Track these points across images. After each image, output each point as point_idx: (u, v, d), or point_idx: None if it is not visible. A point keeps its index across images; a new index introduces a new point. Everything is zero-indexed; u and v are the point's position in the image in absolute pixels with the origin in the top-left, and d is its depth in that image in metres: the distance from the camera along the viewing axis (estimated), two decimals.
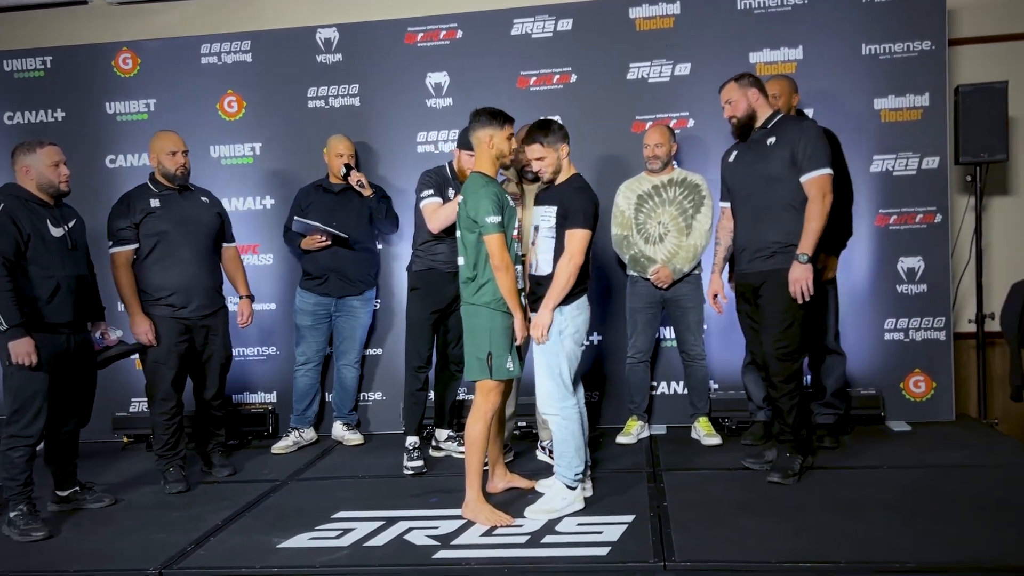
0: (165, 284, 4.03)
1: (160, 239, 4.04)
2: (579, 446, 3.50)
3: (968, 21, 4.91)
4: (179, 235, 4.06)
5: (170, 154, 4.08)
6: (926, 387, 4.71)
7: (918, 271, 4.70)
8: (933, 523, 3.15)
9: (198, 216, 4.16)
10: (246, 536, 3.43)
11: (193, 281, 4.07)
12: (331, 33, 5.07)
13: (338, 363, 4.90)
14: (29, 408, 3.53)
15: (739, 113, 3.74)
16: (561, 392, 3.49)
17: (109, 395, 4.90)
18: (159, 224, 4.04)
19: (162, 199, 4.09)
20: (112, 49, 5.21)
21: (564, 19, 4.90)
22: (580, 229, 3.44)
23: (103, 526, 3.65)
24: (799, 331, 3.68)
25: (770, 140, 3.68)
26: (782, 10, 4.74)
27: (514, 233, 3.47)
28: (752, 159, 3.74)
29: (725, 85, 3.80)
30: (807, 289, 3.56)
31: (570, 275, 3.43)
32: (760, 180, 3.69)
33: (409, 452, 4.19)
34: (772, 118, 3.74)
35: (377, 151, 5.06)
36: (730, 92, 3.76)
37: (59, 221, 3.68)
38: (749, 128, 3.76)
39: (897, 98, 4.68)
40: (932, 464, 3.92)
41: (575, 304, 3.49)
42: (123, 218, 4.03)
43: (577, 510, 3.48)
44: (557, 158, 3.55)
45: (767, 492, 3.61)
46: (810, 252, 3.55)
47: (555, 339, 3.48)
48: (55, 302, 3.58)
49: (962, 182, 4.80)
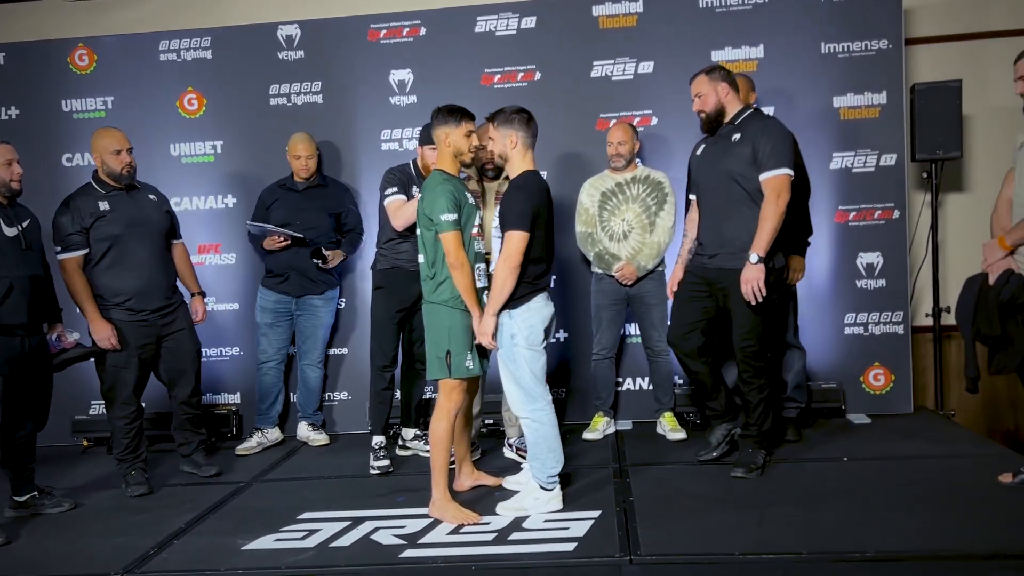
0: (123, 288, 3.94)
1: (113, 243, 3.93)
2: (552, 448, 3.46)
3: (924, 21, 5.00)
4: (132, 238, 3.96)
5: (114, 153, 3.95)
6: (885, 380, 4.80)
7: (877, 266, 4.79)
8: (892, 513, 3.21)
9: (149, 216, 4.06)
10: (210, 538, 3.39)
11: (151, 282, 3.99)
12: (293, 30, 5.03)
13: (301, 363, 4.85)
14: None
15: (708, 107, 3.73)
16: (527, 396, 3.45)
17: (68, 398, 4.82)
18: (111, 228, 3.93)
19: (111, 201, 3.96)
20: (68, 45, 5.11)
21: (528, 17, 4.91)
22: (515, 231, 3.36)
23: (63, 531, 3.58)
24: (764, 330, 3.71)
25: (735, 136, 3.69)
26: (743, 9, 4.79)
27: (474, 231, 3.46)
28: (717, 154, 3.75)
29: (696, 77, 3.77)
30: (758, 289, 3.55)
31: (505, 278, 3.34)
32: (723, 176, 3.70)
33: (375, 452, 4.17)
34: (740, 114, 3.73)
35: (341, 149, 5.03)
36: (700, 85, 3.74)
37: (12, 221, 3.59)
38: (718, 123, 3.75)
39: (856, 96, 4.76)
40: (891, 455, 4.00)
41: (524, 307, 3.40)
42: (71, 223, 3.89)
43: (554, 509, 3.46)
44: (504, 146, 3.47)
45: (731, 486, 3.65)
46: (762, 253, 3.55)
47: (508, 345, 3.43)
48: (9, 303, 3.50)
49: (919, 179, 4.90)
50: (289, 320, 4.78)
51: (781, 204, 3.56)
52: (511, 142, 3.47)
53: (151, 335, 4.02)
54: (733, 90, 3.74)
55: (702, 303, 3.80)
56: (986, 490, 3.40)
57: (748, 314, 3.65)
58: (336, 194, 4.78)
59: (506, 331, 3.43)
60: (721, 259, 3.71)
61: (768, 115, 3.96)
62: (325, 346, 4.91)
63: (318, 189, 4.70)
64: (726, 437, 3.96)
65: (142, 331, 3.99)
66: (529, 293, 3.43)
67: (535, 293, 3.45)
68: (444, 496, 3.46)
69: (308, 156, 4.63)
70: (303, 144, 4.64)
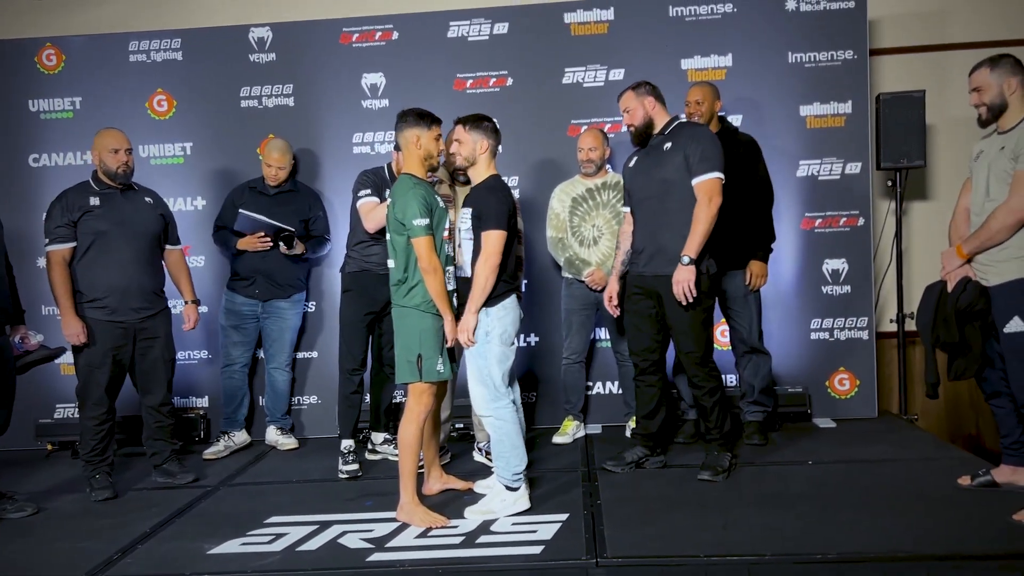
0: (100, 285, 3.91)
1: (97, 238, 3.91)
2: (516, 445, 3.50)
3: (889, 32, 5.10)
4: (117, 235, 3.94)
5: (112, 152, 3.95)
6: (850, 385, 4.87)
7: (842, 272, 4.87)
8: (855, 515, 3.26)
9: (139, 217, 4.04)
10: (175, 543, 3.36)
11: (130, 283, 3.95)
12: (264, 32, 5.01)
13: (268, 367, 4.82)
14: None
15: (636, 121, 3.82)
16: (492, 393, 3.50)
17: (33, 401, 4.76)
18: (97, 223, 3.92)
19: (102, 198, 3.96)
20: (35, 45, 5.05)
21: (500, 23, 4.93)
22: (494, 230, 3.43)
23: (25, 536, 3.53)
24: (705, 334, 3.78)
25: (666, 145, 3.77)
26: (712, 18, 4.85)
27: (444, 235, 3.47)
28: (649, 164, 3.82)
29: (623, 94, 3.87)
30: (689, 291, 3.61)
31: (487, 276, 3.41)
32: (657, 184, 3.77)
33: (344, 456, 4.17)
34: (669, 124, 3.82)
35: (313, 152, 5.02)
36: (628, 101, 3.84)
37: None
38: (647, 135, 3.84)
39: (822, 105, 4.83)
40: (855, 459, 4.06)
41: (501, 305, 3.48)
42: (60, 216, 3.90)
43: (522, 510, 3.48)
44: (473, 150, 3.52)
45: (697, 489, 3.69)
46: (694, 254, 3.62)
47: (482, 341, 3.48)
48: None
49: (883, 187, 4.98)
50: (254, 323, 4.75)
51: (713, 207, 3.63)
52: (481, 147, 3.52)
53: (126, 337, 3.98)
54: (660, 103, 3.84)
55: (657, 316, 3.85)
56: (946, 492, 3.47)
57: (685, 318, 3.71)
58: (306, 200, 4.77)
59: (482, 327, 3.47)
60: (656, 265, 3.76)
61: (696, 123, 4.02)
62: (292, 349, 4.88)
63: (289, 194, 4.68)
64: (637, 462, 4.00)
65: (117, 332, 3.95)
66: (505, 292, 3.50)
67: (510, 292, 3.53)
68: (412, 500, 3.46)
69: (280, 167, 4.60)
70: (278, 153, 4.61)
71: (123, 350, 3.99)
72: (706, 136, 3.76)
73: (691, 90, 4.32)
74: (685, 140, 3.72)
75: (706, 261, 3.71)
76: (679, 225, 3.69)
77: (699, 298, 3.67)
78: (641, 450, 4.01)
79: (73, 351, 3.97)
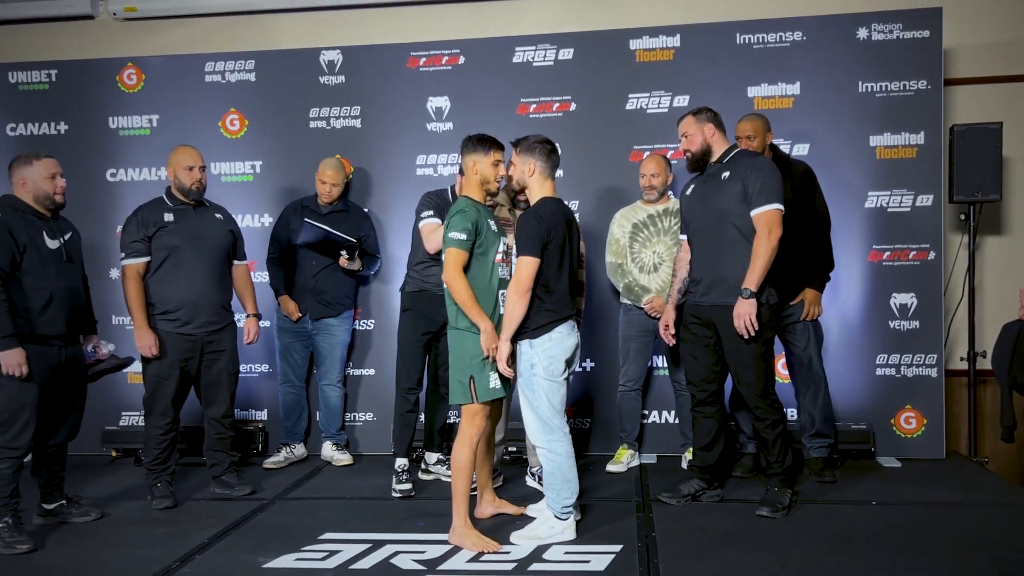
0: (171, 298, 4.03)
1: (170, 253, 4.04)
2: (568, 479, 3.46)
3: (964, 62, 4.98)
4: (189, 250, 4.06)
5: (187, 169, 4.07)
6: (917, 424, 4.72)
7: (911, 307, 4.73)
8: (918, 560, 3.15)
9: (210, 232, 4.15)
10: (231, 555, 3.41)
11: (199, 297, 4.07)
12: (335, 55, 5.12)
13: (321, 383, 4.90)
14: (17, 420, 3.52)
15: (694, 147, 3.79)
16: (544, 426, 3.46)
17: (100, 409, 4.90)
18: (171, 239, 4.04)
19: (176, 214, 4.09)
20: (117, 64, 5.26)
21: (565, 48, 4.96)
22: (525, 256, 3.40)
23: (87, 540, 3.63)
24: (765, 365, 3.71)
25: (724, 174, 3.73)
26: (780, 46, 4.80)
27: (497, 258, 3.49)
28: (707, 193, 3.78)
29: (683, 119, 3.84)
30: (751, 324, 3.56)
31: (515, 303, 3.37)
32: (714, 213, 3.72)
33: (398, 474, 4.19)
34: (728, 153, 3.78)
35: (376, 173, 5.10)
36: (687, 126, 3.80)
37: (55, 233, 3.69)
38: (704, 162, 3.80)
39: (893, 136, 4.73)
40: (920, 501, 3.92)
41: (546, 336, 3.42)
42: (136, 231, 4.03)
43: (567, 540, 3.45)
44: (523, 172, 3.53)
45: (755, 524, 3.61)
46: (754, 287, 3.56)
47: (527, 374, 3.44)
48: (48, 314, 3.58)
49: (956, 220, 4.84)
50: (306, 340, 4.84)
51: (773, 239, 3.58)
52: (529, 169, 3.53)
53: (194, 349, 4.09)
54: (719, 131, 3.80)
55: (715, 346, 3.79)
56: (1017, 541, 3.32)
57: (746, 351, 3.65)
58: (356, 219, 4.84)
59: (525, 360, 3.44)
60: (715, 295, 3.71)
61: (755, 152, 3.96)
62: (343, 365, 4.95)
63: (340, 214, 4.76)
64: (694, 494, 3.92)
65: (186, 344, 4.06)
66: (551, 323, 3.44)
67: (558, 323, 3.46)
68: (465, 523, 3.45)
69: (334, 184, 4.69)
70: (332, 171, 4.70)
71: (190, 362, 4.10)
72: (766, 166, 3.70)
73: (741, 124, 4.24)
74: (744, 170, 3.67)
75: (766, 292, 3.66)
76: (737, 255, 3.65)
77: (760, 330, 3.61)
78: (698, 483, 3.94)
79: (142, 361, 4.09)
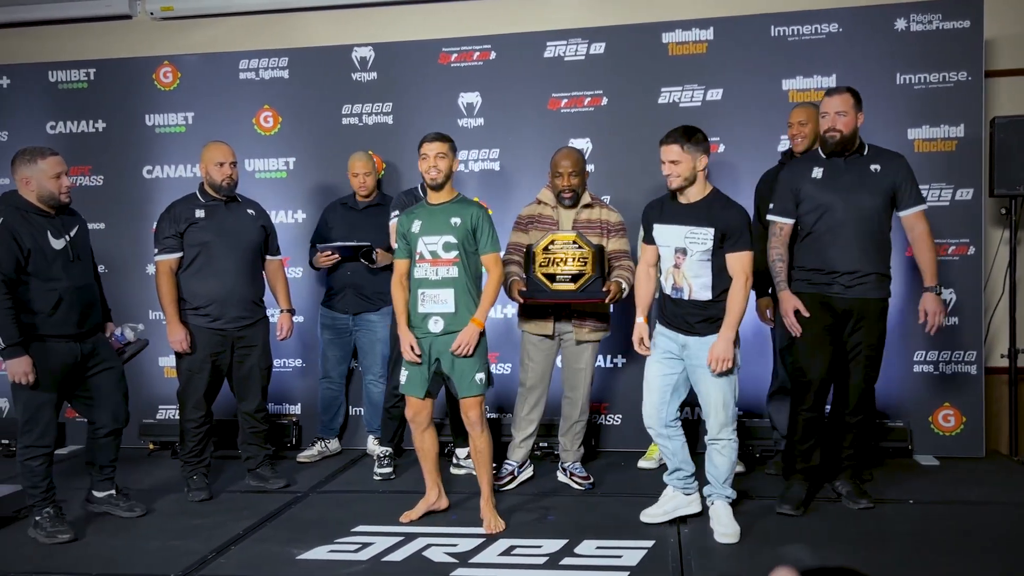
0: (203, 294, 4.07)
1: (202, 249, 4.07)
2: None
3: (1006, 53, 4.86)
4: (221, 246, 4.09)
5: (218, 165, 4.10)
6: (955, 421, 4.63)
7: (950, 303, 4.64)
8: (956, 559, 3.10)
9: (241, 228, 4.18)
10: (266, 546, 3.45)
11: (230, 292, 4.10)
12: (367, 52, 5.15)
13: (364, 378, 4.93)
14: (39, 421, 3.55)
15: (847, 130, 3.64)
16: (731, 421, 3.47)
17: (137, 402, 4.95)
18: (202, 234, 4.07)
19: (207, 210, 4.12)
20: (154, 63, 5.33)
21: (597, 43, 4.93)
22: (748, 251, 3.38)
23: (126, 530, 3.69)
24: None
25: (874, 167, 3.66)
26: (816, 38, 4.73)
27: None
28: (850, 182, 3.65)
29: (840, 93, 3.67)
30: (943, 318, 3.70)
31: (745, 299, 3.37)
32: (859, 206, 3.63)
33: (379, 459, 4.43)
34: (863, 144, 3.73)
35: (408, 168, 5.11)
36: (846, 104, 3.64)
37: (60, 232, 3.61)
38: (844, 148, 3.68)
39: (931, 128, 4.64)
40: (959, 500, 3.86)
41: None
42: (168, 227, 4.08)
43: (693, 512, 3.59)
44: (693, 168, 3.39)
45: (786, 522, 3.57)
46: (936, 281, 3.70)
47: (735, 370, 3.45)
48: (58, 314, 3.55)
49: (996, 215, 4.75)
50: (348, 336, 4.87)
51: (932, 236, 3.70)
52: (702, 163, 3.43)
53: (225, 344, 4.13)
54: None
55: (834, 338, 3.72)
56: None
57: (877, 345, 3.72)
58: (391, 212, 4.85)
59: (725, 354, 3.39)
60: (864, 289, 3.66)
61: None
62: (386, 361, 4.96)
63: (377, 208, 4.78)
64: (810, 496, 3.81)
65: (216, 339, 4.10)
66: None
67: None
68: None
69: (365, 173, 4.72)
70: (360, 162, 4.73)
71: (221, 356, 4.14)
72: (909, 166, 3.72)
73: (794, 111, 4.19)
74: (896, 167, 3.66)
75: None
76: (882, 251, 3.68)
77: None
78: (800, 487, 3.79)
79: (176, 355, 4.14)
